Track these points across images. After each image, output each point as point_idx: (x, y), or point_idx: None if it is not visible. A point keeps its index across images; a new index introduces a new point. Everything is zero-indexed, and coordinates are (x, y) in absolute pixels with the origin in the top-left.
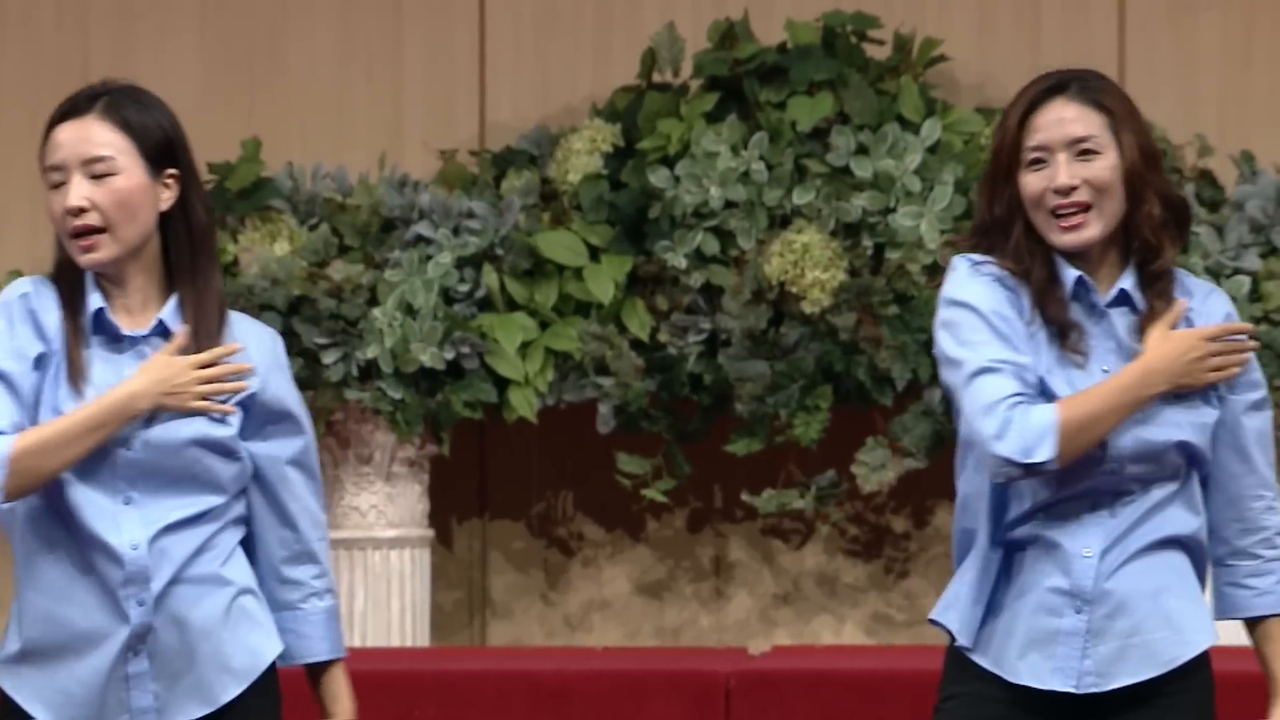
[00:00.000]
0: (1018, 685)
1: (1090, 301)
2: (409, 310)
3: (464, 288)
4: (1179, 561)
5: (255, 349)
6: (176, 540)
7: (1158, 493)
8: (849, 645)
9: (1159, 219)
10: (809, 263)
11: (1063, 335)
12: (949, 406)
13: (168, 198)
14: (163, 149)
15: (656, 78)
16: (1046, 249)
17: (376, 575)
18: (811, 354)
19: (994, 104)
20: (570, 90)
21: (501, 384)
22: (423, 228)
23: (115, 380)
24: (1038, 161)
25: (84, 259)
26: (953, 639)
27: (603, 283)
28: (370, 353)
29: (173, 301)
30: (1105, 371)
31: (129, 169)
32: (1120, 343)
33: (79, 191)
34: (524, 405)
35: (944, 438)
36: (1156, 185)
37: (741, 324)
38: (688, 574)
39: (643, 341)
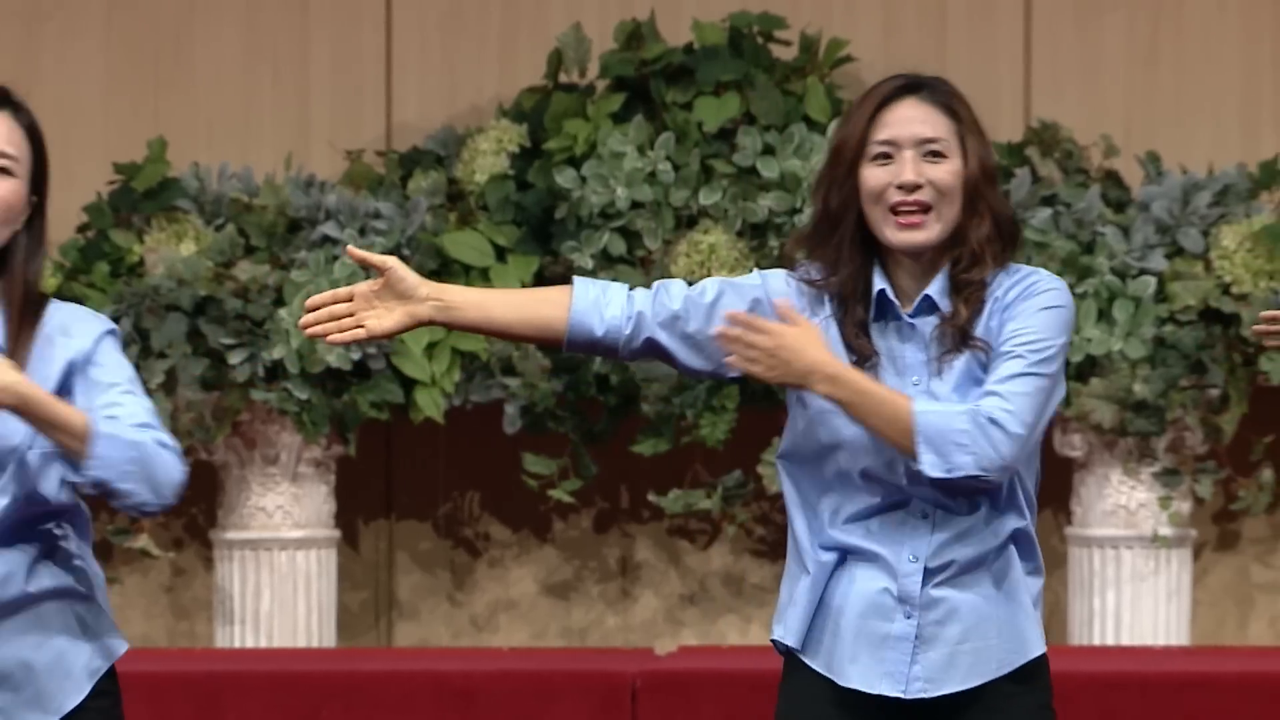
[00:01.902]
0: (847, 688)
1: (894, 314)
2: None
3: None
4: (1010, 565)
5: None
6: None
7: (984, 500)
8: (755, 645)
9: (988, 233)
10: (715, 263)
11: (859, 360)
12: None
13: (24, 216)
14: (42, 168)
15: (563, 78)
16: (866, 253)
17: (283, 576)
18: None
19: None
20: (476, 91)
21: (408, 385)
22: (329, 228)
23: None
24: (883, 157)
25: None
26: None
27: (509, 283)
28: (276, 353)
29: None
30: (916, 384)
31: (22, 177)
32: (930, 353)
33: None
34: (430, 406)
35: None
36: (991, 200)
37: None
38: (594, 574)
39: None
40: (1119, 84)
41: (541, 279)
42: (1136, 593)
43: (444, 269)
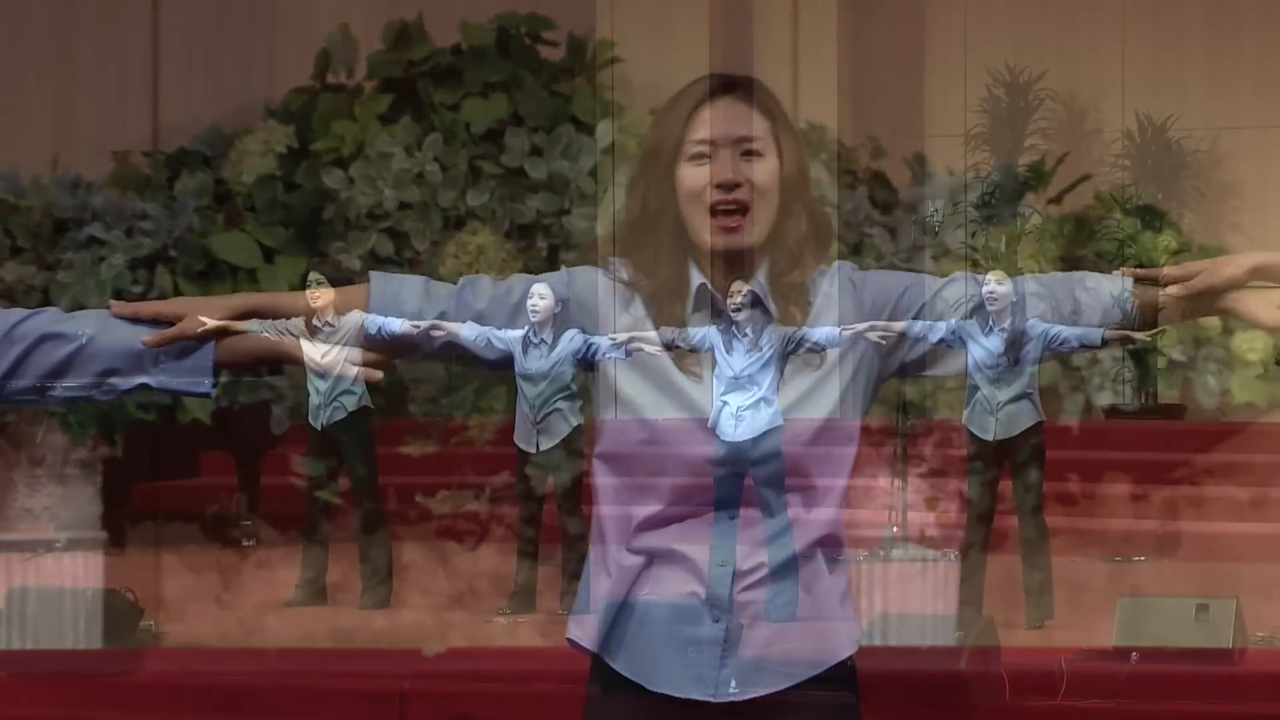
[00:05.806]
0: (656, 693)
1: (716, 308)
2: None
3: (137, 289)
4: (818, 568)
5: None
6: None
7: (793, 500)
8: (524, 647)
9: (805, 233)
10: (484, 264)
11: (678, 357)
12: None
13: None
14: None
15: (330, 79)
16: (684, 251)
17: (49, 577)
18: None
19: None
20: (244, 91)
21: None
22: (95, 229)
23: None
24: (700, 156)
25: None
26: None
27: (277, 284)
28: None
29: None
30: (736, 379)
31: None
32: (747, 346)
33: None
34: (198, 407)
35: None
36: (805, 200)
37: None
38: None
39: None
40: (886, 85)
41: (307, 280)
42: None
43: (211, 270)
